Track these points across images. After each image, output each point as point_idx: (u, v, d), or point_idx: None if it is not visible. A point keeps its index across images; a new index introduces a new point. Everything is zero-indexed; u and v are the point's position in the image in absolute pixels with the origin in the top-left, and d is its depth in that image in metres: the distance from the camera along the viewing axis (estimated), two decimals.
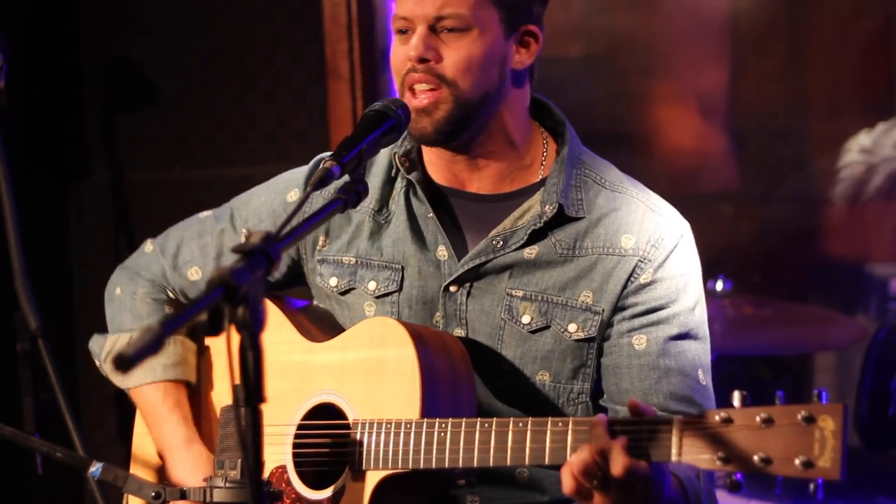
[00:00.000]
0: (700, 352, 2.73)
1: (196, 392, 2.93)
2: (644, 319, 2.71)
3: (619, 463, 2.33)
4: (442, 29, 2.67)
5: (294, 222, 2.42)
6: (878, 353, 4.63)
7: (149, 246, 3.01)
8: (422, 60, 2.67)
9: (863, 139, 4.96)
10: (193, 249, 2.95)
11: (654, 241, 2.73)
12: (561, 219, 2.74)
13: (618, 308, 2.72)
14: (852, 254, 5.10)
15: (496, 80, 2.72)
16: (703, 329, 2.76)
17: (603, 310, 2.72)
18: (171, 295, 2.97)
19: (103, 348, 2.95)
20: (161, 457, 2.88)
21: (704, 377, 2.73)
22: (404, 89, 2.70)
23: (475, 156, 2.77)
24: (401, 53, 2.71)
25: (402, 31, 2.71)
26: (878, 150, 4.95)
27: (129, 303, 2.95)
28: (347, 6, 4.69)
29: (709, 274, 4.60)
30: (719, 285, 4.61)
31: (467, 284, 2.76)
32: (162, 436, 2.87)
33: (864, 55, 5.04)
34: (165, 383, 2.88)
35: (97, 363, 2.99)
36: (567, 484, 2.42)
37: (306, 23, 4.75)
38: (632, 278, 2.71)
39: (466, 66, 2.68)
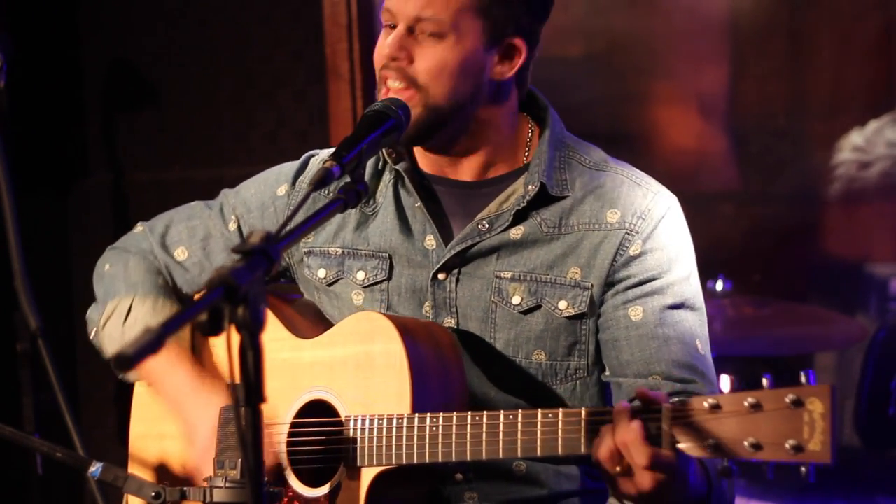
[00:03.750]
0: (697, 322, 2.73)
1: None
2: (638, 290, 2.71)
3: (642, 453, 2.32)
4: (420, 31, 2.68)
5: (293, 223, 2.42)
6: (878, 353, 4.64)
7: (138, 227, 3.04)
8: (393, 59, 2.69)
9: (855, 138, 4.96)
10: (181, 231, 2.97)
11: (641, 213, 2.73)
12: (545, 199, 2.75)
13: (609, 283, 2.72)
14: (852, 254, 5.10)
15: (470, 90, 2.72)
16: (699, 300, 2.76)
17: (592, 285, 2.72)
18: (160, 267, 2.97)
19: (103, 314, 2.94)
20: (172, 412, 2.85)
21: (703, 347, 2.72)
22: (380, 83, 2.73)
23: (456, 153, 2.79)
24: (380, 47, 2.73)
25: (388, 25, 2.73)
26: (872, 149, 4.95)
27: (122, 273, 2.95)
28: (347, 6, 4.70)
29: (709, 274, 4.62)
30: (719, 285, 4.61)
31: (455, 271, 2.77)
32: (169, 388, 2.85)
33: (865, 55, 5.04)
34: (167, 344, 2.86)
35: (92, 332, 2.98)
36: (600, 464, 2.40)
37: (306, 23, 4.75)
38: (620, 251, 2.72)
39: (437, 73, 2.68)
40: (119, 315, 2.91)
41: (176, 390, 2.85)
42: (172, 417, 2.86)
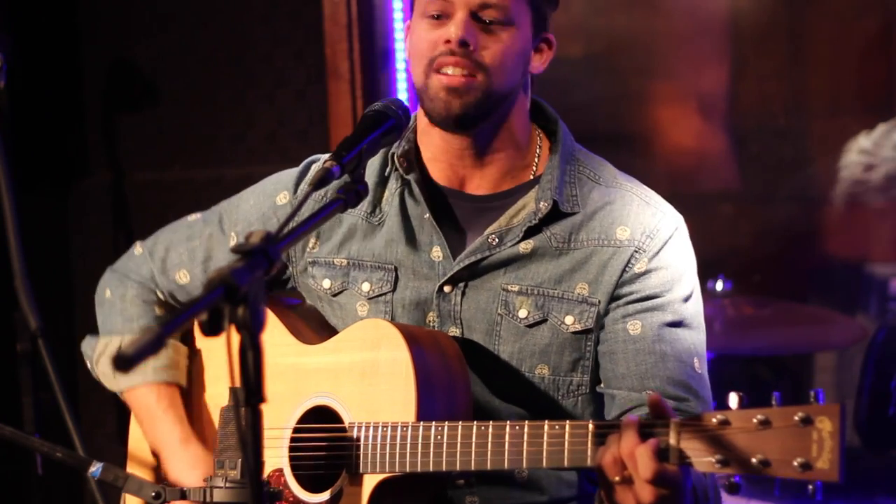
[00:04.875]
0: (695, 341, 2.73)
1: (189, 395, 2.93)
2: (639, 306, 2.71)
3: (648, 467, 2.32)
4: (484, 18, 2.68)
5: (292, 223, 2.42)
6: (878, 353, 4.63)
7: (138, 249, 3.01)
8: (463, 44, 2.65)
9: (862, 141, 4.96)
10: (182, 253, 2.96)
11: (649, 232, 2.74)
12: (556, 214, 2.75)
13: (613, 297, 2.72)
14: (852, 254, 5.10)
15: (519, 79, 2.74)
16: (699, 320, 2.76)
17: (599, 301, 2.72)
18: (160, 296, 2.97)
19: (95, 350, 2.95)
20: (157, 457, 2.88)
21: (700, 366, 2.73)
22: (430, 70, 2.68)
23: (482, 153, 2.77)
24: (433, 36, 2.68)
25: (435, 17, 2.69)
26: (879, 152, 4.95)
27: (119, 305, 2.95)
28: (347, 6, 4.69)
29: (709, 274, 4.62)
30: (719, 285, 4.61)
31: (461, 284, 2.76)
32: (157, 436, 2.87)
33: (865, 55, 5.04)
34: (158, 385, 2.88)
35: (89, 365, 2.99)
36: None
37: (306, 23, 4.75)
38: (627, 268, 2.72)
39: (503, 59, 2.68)
40: (109, 355, 2.93)
41: (164, 438, 2.86)
42: (159, 461, 2.87)
